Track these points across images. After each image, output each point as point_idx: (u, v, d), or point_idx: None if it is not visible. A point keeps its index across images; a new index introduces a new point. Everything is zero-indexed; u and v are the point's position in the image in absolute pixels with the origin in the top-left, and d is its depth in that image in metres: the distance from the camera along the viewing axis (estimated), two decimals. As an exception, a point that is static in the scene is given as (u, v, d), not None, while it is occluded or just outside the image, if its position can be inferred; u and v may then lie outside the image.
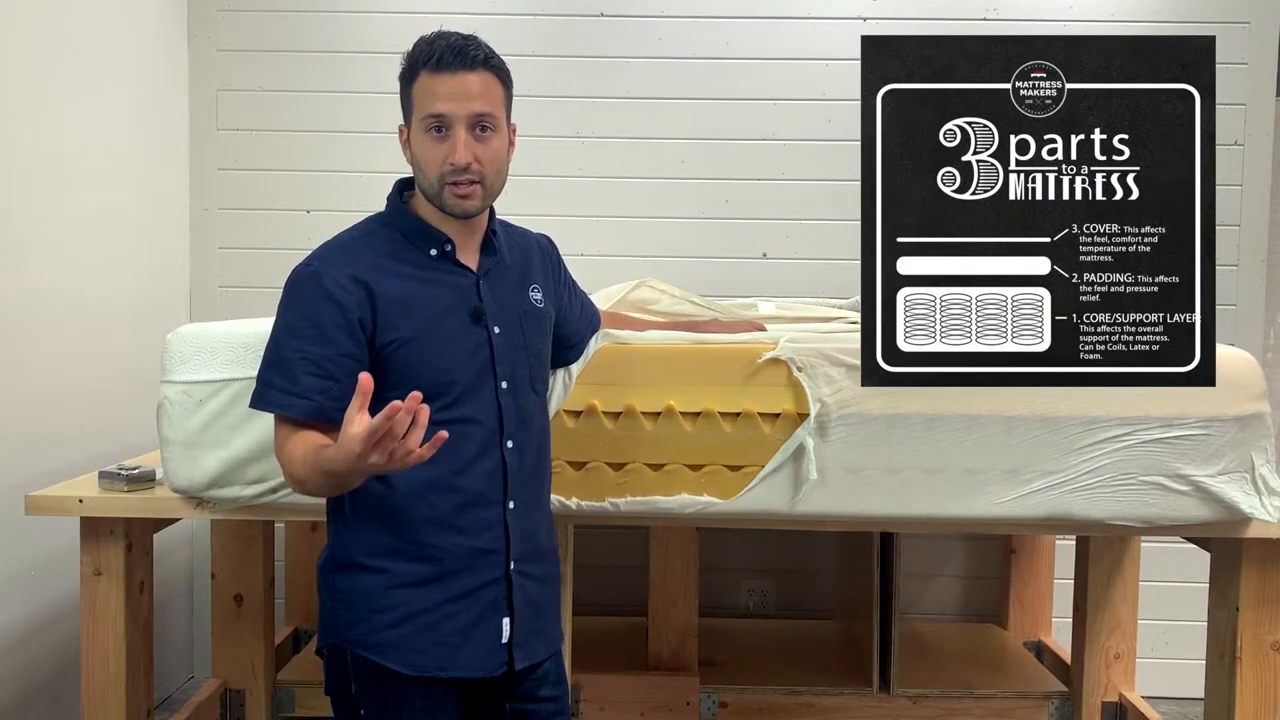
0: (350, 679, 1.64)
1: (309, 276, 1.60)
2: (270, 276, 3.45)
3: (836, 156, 3.44)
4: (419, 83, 1.61)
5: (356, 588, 1.63)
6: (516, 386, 1.69)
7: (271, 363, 1.60)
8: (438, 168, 1.60)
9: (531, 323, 1.74)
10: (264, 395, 1.60)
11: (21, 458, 2.58)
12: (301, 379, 1.56)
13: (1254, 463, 2.09)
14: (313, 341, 1.57)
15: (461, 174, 1.59)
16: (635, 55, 3.46)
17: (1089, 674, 2.86)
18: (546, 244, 1.88)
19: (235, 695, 2.79)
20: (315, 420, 1.57)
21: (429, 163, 1.61)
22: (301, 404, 1.56)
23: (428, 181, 1.63)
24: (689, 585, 2.94)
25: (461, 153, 1.58)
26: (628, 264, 3.41)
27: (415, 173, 1.66)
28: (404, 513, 1.62)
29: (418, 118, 1.61)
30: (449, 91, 1.58)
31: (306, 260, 1.64)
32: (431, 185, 1.62)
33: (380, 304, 1.59)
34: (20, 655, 2.62)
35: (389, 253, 1.64)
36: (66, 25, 2.79)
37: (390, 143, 3.66)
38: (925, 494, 2.08)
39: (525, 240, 1.83)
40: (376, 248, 1.65)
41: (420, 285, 1.63)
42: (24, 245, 2.60)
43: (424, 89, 1.60)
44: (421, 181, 1.65)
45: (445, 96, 1.58)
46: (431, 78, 1.59)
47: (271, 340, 1.62)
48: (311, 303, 1.58)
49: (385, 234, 1.67)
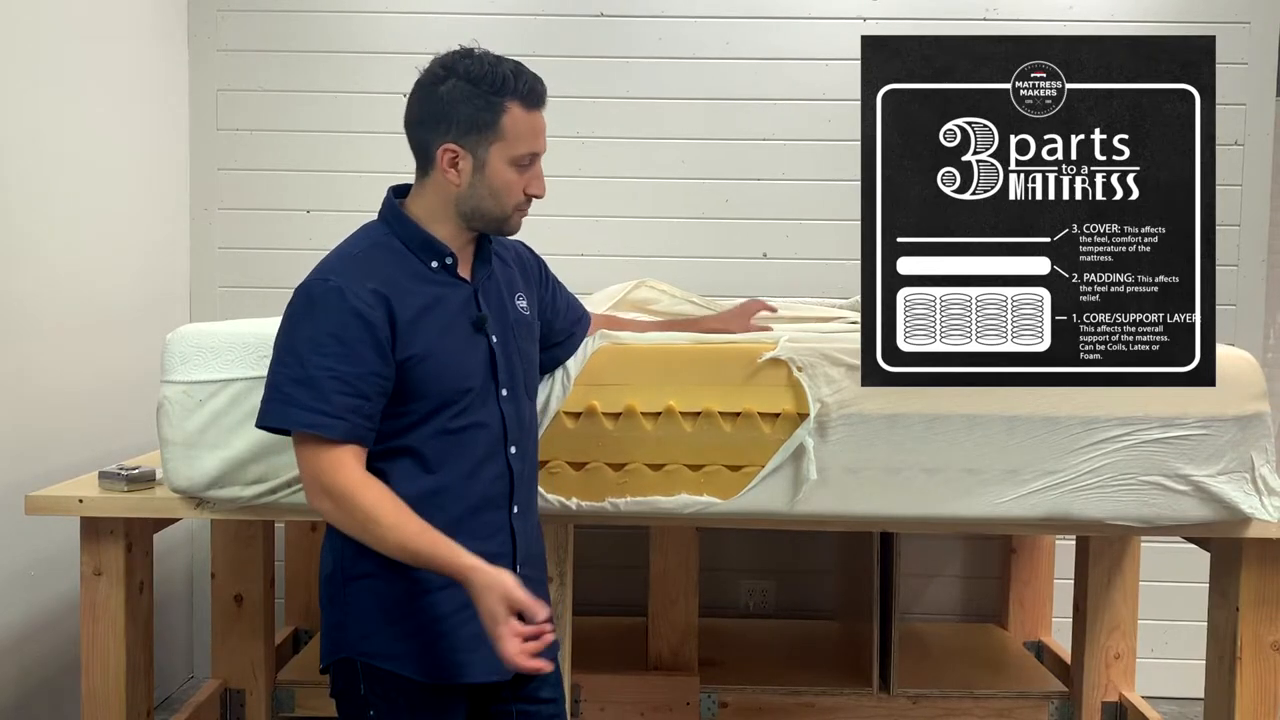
0: (359, 681, 1.63)
1: (331, 291, 1.56)
2: (270, 276, 3.48)
3: (836, 156, 3.44)
4: (513, 114, 1.60)
5: (369, 599, 1.61)
6: (515, 393, 1.71)
7: (297, 379, 1.54)
8: (516, 196, 1.65)
9: (523, 330, 1.76)
10: (287, 414, 1.54)
11: (21, 458, 2.58)
12: (333, 398, 1.52)
13: (1254, 463, 2.09)
14: (341, 360, 1.53)
15: (531, 203, 1.67)
16: (635, 55, 3.46)
17: (1089, 674, 2.86)
18: (525, 250, 1.89)
19: (235, 695, 2.79)
20: (348, 441, 1.54)
21: (510, 191, 1.63)
22: (338, 424, 1.52)
23: (501, 207, 1.64)
24: (689, 585, 2.94)
25: (543, 186, 1.66)
26: (628, 264, 3.41)
27: (471, 195, 1.63)
28: None
29: (507, 150, 1.61)
30: (540, 128, 1.64)
31: (322, 273, 1.60)
32: (504, 210, 1.65)
33: (399, 319, 1.58)
34: (20, 655, 2.62)
35: (398, 265, 1.63)
36: (66, 25, 2.79)
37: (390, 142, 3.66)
38: (925, 494, 2.08)
39: (508, 249, 1.84)
40: (387, 260, 1.63)
41: (428, 298, 1.63)
42: (24, 245, 2.60)
43: (523, 124, 1.61)
44: (488, 205, 1.64)
45: (538, 133, 1.64)
46: (526, 115, 1.62)
47: (290, 355, 1.56)
48: (336, 318, 1.54)
49: (391, 245, 1.65)
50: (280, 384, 1.56)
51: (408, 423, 1.61)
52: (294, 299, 1.60)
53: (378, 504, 1.52)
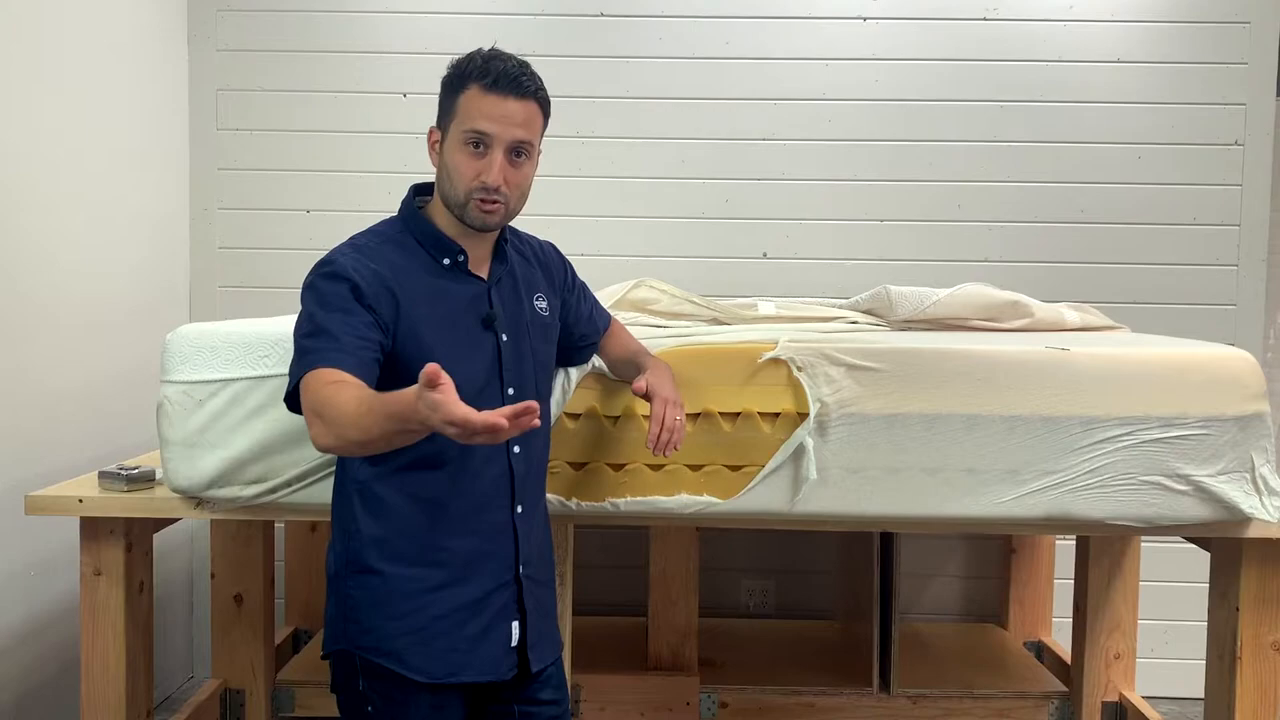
0: (358, 676, 1.64)
1: (335, 274, 1.59)
2: (270, 276, 3.48)
3: (836, 156, 3.45)
4: (467, 95, 1.61)
5: (369, 594, 1.62)
6: (523, 394, 1.71)
7: (309, 333, 1.56)
8: (468, 182, 1.62)
9: (538, 331, 1.76)
10: (304, 360, 1.54)
11: (21, 458, 2.58)
12: (343, 338, 1.54)
13: (1254, 463, 2.09)
14: (348, 313, 1.56)
15: (491, 193, 1.62)
16: (635, 55, 3.46)
17: (1089, 674, 2.86)
18: (552, 251, 1.90)
19: (235, 695, 2.79)
20: (359, 375, 1.52)
21: (461, 175, 1.62)
22: (348, 358, 1.52)
23: (455, 192, 1.63)
24: (689, 585, 2.94)
25: (495, 174, 1.61)
26: (628, 264, 3.42)
27: (441, 179, 1.66)
28: (416, 516, 1.64)
29: (458, 128, 1.62)
30: (497, 113, 1.60)
31: (330, 257, 1.62)
32: (458, 196, 1.63)
33: (402, 308, 1.60)
34: (20, 655, 2.62)
35: (408, 259, 1.66)
36: (66, 25, 2.79)
37: (390, 142, 3.67)
38: (925, 494, 2.08)
39: (532, 248, 1.85)
40: (395, 252, 1.66)
41: (434, 293, 1.64)
42: (24, 245, 2.60)
43: (472, 103, 1.61)
44: (447, 189, 1.65)
45: (492, 117, 1.60)
46: (482, 95, 1.60)
47: (305, 321, 1.58)
48: (339, 287, 1.58)
49: (401, 240, 1.68)
50: (298, 345, 1.57)
51: None
52: (304, 288, 1.62)
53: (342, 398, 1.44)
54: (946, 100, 3.44)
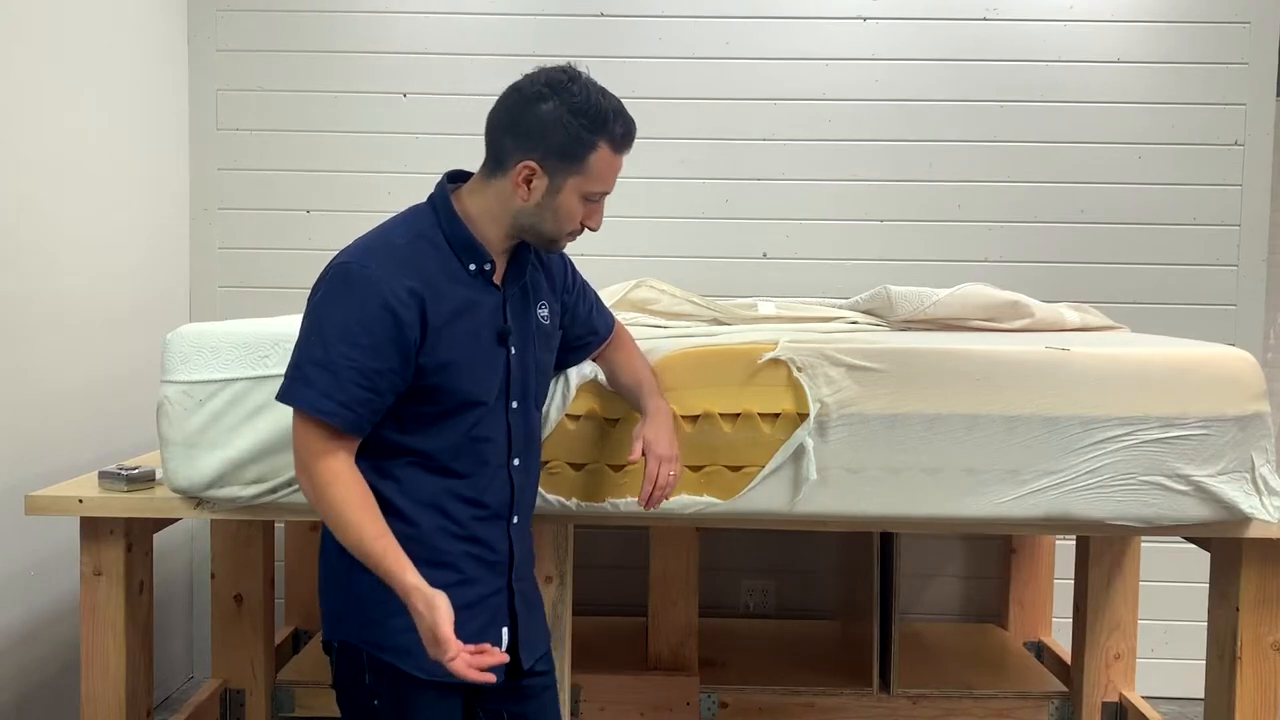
0: (364, 671, 1.65)
1: (370, 280, 1.54)
2: (270, 276, 3.48)
3: (836, 156, 3.45)
4: (601, 154, 1.62)
5: (371, 589, 1.61)
6: (525, 405, 1.72)
7: (317, 361, 1.54)
8: (574, 224, 1.66)
9: (541, 340, 1.76)
10: (300, 393, 1.54)
11: (21, 458, 2.58)
12: (349, 388, 1.52)
13: (1254, 463, 2.09)
14: (366, 353, 1.53)
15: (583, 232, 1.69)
16: (635, 55, 3.46)
17: (1089, 674, 2.86)
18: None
19: (235, 695, 2.79)
20: (349, 432, 1.56)
21: (571, 219, 1.65)
22: (346, 415, 1.53)
23: (556, 230, 1.66)
24: (689, 585, 2.94)
25: (601, 220, 1.69)
26: (628, 264, 3.41)
27: (533, 213, 1.63)
28: (421, 519, 1.64)
29: (585, 184, 1.63)
30: (617, 169, 1.67)
31: (361, 258, 1.57)
32: (557, 234, 1.67)
33: (430, 324, 1.57)
34: (20, 655, 2.62)
35: (438, 263, 1.61)
36: (66, 25, 2.79)
37: (390, 142, 3.66)
38: (925, 494, 2.08)
39: (539, 254, 1.82)
40: (428, 256, 1.60)
41: (460, 305, 1.62)
42: (24, 245, 2.60)
43: (603, 163, 1.63)
44: (544, 225, 1.65)
45: (616, 175, 1.67)
46: (612, 157, 1.64)
47: (316, 336, 1.55)
48: (368, 309, 1.53)
49: (435, 239, 1.62)
50: (302, 363, 1.56)
51: (416, 426, 1.62)
52: (330, 276, 1.57)
53: (347, 499, 1.54)
54: (946, 100, 3.44)
